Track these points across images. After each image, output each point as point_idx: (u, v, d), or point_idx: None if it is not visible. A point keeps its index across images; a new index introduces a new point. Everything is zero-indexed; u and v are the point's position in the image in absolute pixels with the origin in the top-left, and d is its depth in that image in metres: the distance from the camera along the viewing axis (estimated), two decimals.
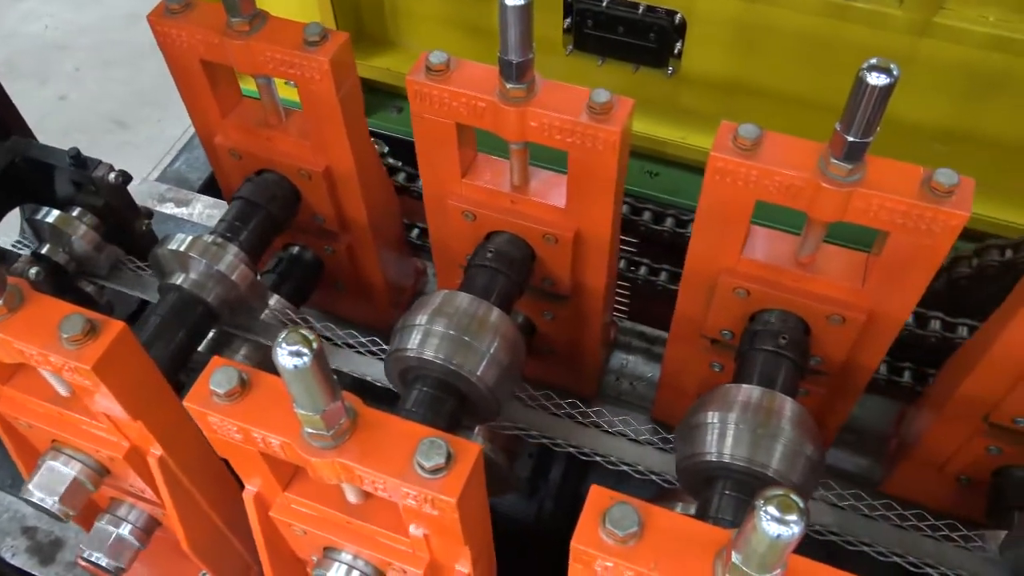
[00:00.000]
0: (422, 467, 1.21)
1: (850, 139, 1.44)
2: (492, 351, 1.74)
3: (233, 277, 1.98)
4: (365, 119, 2.02)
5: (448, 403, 1.73)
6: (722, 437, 1.60)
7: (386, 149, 2.76)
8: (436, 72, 1.73)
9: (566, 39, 2.79)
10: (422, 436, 1.23)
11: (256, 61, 1.87)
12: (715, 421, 1.62)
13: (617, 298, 2.54)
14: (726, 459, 1.59)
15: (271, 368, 1.15)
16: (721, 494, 1.60)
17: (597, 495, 1.17)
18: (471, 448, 1.24)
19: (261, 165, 2.12)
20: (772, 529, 0.94)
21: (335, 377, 1.15)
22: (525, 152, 1.83)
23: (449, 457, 1.22)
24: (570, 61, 2.80)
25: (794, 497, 0.95)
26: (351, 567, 1.49)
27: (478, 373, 1.72)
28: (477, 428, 2.02)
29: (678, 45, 2.65)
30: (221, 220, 2.10)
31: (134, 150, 5.25)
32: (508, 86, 1.66)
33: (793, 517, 0.94)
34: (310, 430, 1.22)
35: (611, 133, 1.64)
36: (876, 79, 1.35)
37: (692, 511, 1.87)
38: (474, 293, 1.86)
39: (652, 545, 1.14)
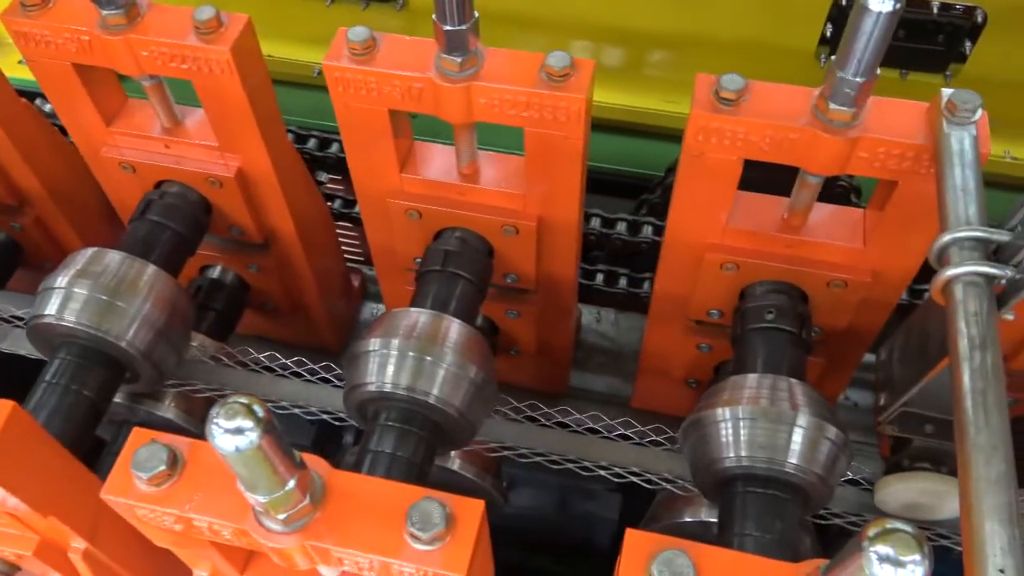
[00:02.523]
0: (417, 538, 0.97)
1: (849, 78, 1.26)
2: (460, 371, 1.50)
3: (152, 314, 1.66)
4: (279, 112, 1.74)
5: (418, 437, 1.49)
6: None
7: None
8: (360, 53, 1.47)
9: (821, 49, 2.43)
10: (412, 499, 0.99)
11: (140, 60, 1.57)
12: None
13: None
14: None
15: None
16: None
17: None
18: (473, 506, 1.01)
19: (160, 176, 1.82)
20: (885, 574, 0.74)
21: (289, 445, 0.91)
22: (472, 134, 1.59)
23: (449, 521, 0.99)
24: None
25: (909, 530, 0.75)
26: None
27: (452, 401, 1.49)
28: (453, 453, 1.78)
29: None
30: (118, 248, 1.77)
31: None
32: (447, 60, 1.41)
33: (914, 558, 0.74)
34: (268, 514, 0.97)
35: (574, 101, 1.41)
36: (879, 4, 1.16)
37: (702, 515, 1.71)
38: (430, 304, 1.62)
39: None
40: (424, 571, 0.98)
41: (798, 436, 1.41)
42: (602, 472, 1.85)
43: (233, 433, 0.82)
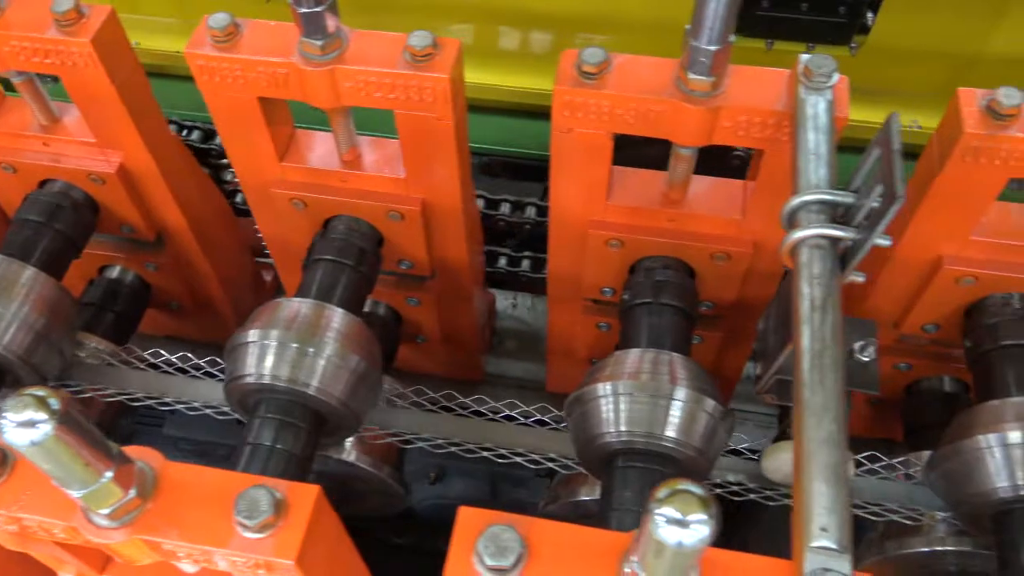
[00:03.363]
0: (245, 526, 0.95)
1: (703, 47, 1.25)
2: (341, 361, 1.48)
3: (30, 317, 1.62)
4: (157, 104, 1.71)
5: (298, 428, 1.47)
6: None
7: None
8: (222, 40, 1.44)
9: None
10: (240, 488, 0.97)
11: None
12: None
13: None
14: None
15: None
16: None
17: None
18: (307, 492, 0.99)
19: (42, 175, 1.78)
20: (672, 535, 0.74)
21: (103, 437, 0.88)
22: (348, 119, 1.57)
23: (279, 508, 0.97)
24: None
25: (694, 489, 0.74)
26: None
27: (332, 391, 1.47)
28: (349, 443, 1.76)
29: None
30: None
31: None
32: (308, 43, 1.39)
33: (699, 516, 0.73)
34: (92, 509, 0.95)
35: (438, 81, 1.39)
36: None
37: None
38: (313, 294, 1.60)
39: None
40: (255, 559, 0.96)
41: (676, 410, 1.41)
42: (518, 459, 1.83)
43: (24, 426, 0.80)
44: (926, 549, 1.57)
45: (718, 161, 1.59)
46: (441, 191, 1.61)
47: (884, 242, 1.10)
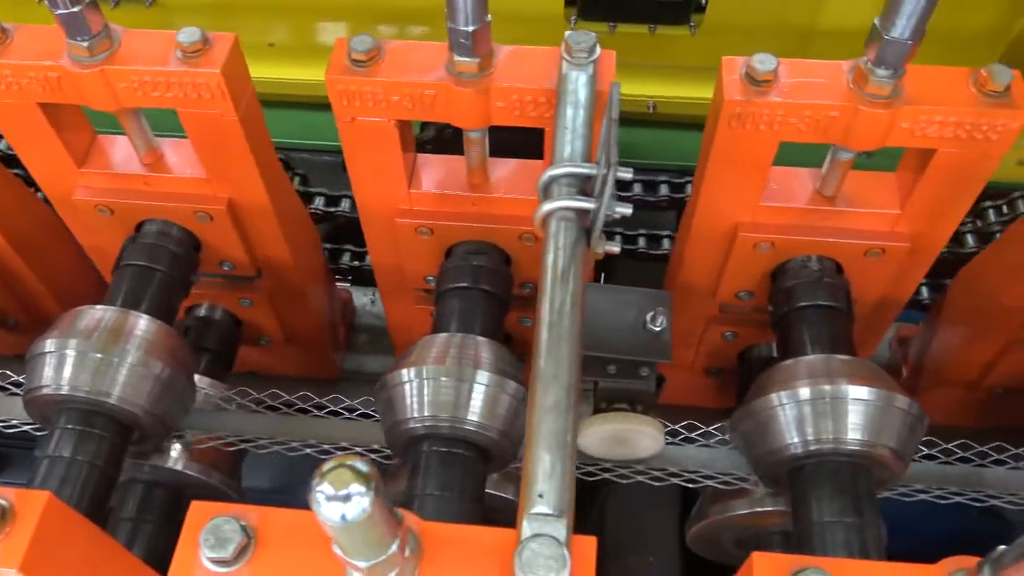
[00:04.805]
0: None
1: (460, 28, 1.25)
2: (145, 369, 1.45)
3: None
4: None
5: (100, 439, 1.43)
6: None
7: None
8: None
9: (568, 12, 2.37)
10: None
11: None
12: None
13: None
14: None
15: None
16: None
17: (197, 513, 0.95)
18: (35, 499, 0.97)
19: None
20: (333, 512, 0.73)
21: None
22: (138, 121, 1.54)
23: (5, 516, 0.95)
24: None
25: (352, 464, 0.74)
26: None
27: (136, 400, 1.44)
28: (177, 450, 1.73)
29: None
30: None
31: None
32: (74, 45, 1.36)
33: (357, 488, 0.73)
34: None
35: (211, 76, 1.37)
36: None
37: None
38: (120, 301, 1.57)
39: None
40: None
41: (479, 393, 1.41)
42: (373, 456, 1.82)
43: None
44: (747, 511, 1.61)
45: None
46: (245, 189, 1.59)
47: (624, 210, 1.11)
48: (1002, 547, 0.82)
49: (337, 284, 2.23)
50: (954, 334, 1.85)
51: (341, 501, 0.73)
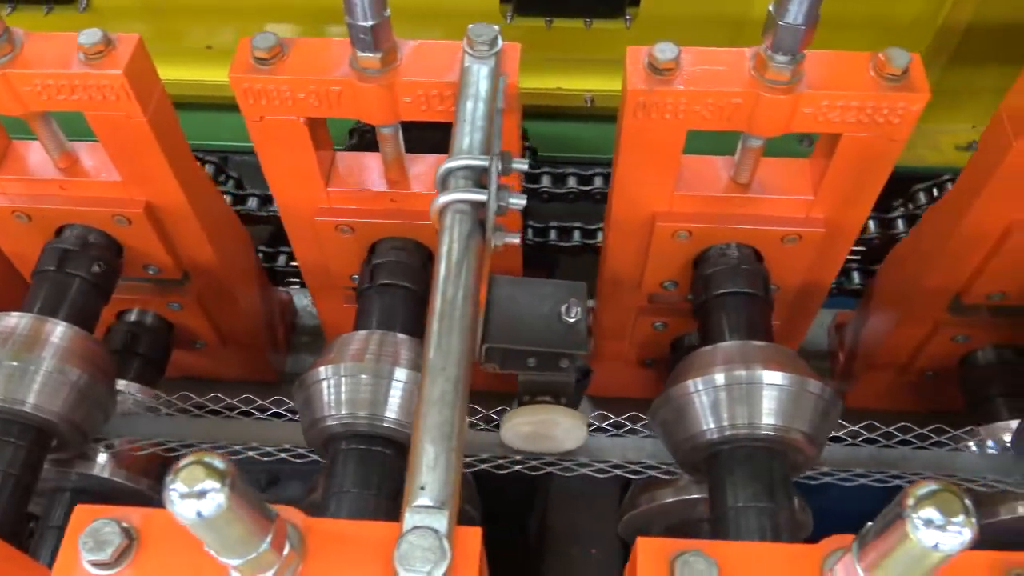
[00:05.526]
0: None
1: (359, 24, 1.25)
2: (61, 375, 1.43)
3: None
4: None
5: (16, 446, 1.41)
6: None
7: None
8: None
9: (504, 7, 2.38)
10: None
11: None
12: None
13: None
14: None
15: None
16: None
17: (80, 515, 0.94)
18: None
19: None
20: (188, 509, 0.73)
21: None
22: (49, 125, 1.53)
23: None
24: (513, 31, 2.41)
25: (208, 460, 0.74)
26: None
27: (51, 407, 1.42)
28: (103, 459, 1.71)
29: None
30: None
31: None
32: None
33: (212, 485, 0.73)
34: None
35: (114, 78, 1.36)
36: None
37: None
38: (38, 308, 1.55)
39: None
40: None
41: (397, 390, 1.41)
42: (314, 456, 1.81)
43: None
44: (673, 499, 1.61)
45: None
46: (162, 191, 1.58)
47: (517, 201, 1.11)
48: (869, 523, 0.82)
49: (278, 287, 2.22)
50: (883, 319, 1.87)
51: (195, 498, 0.73)
